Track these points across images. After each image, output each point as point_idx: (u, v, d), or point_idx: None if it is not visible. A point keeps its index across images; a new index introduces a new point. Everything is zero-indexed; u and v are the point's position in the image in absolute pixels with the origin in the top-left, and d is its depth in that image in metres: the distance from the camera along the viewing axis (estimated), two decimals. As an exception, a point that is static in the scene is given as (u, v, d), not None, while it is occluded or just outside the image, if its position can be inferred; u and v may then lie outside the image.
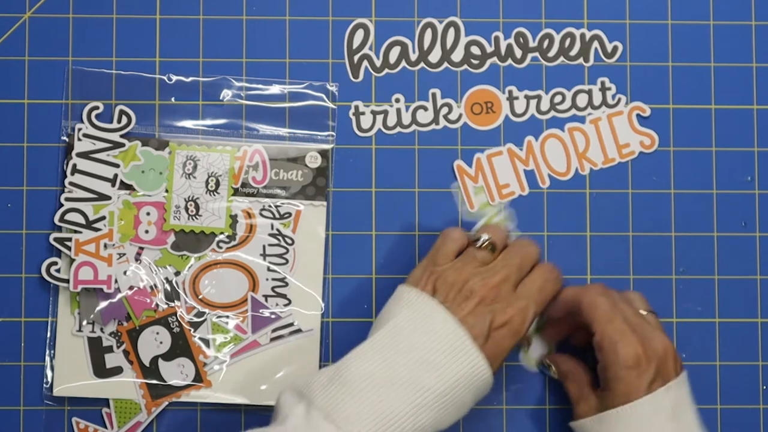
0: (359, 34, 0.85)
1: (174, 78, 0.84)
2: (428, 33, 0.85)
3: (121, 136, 0.83)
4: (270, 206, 0.83)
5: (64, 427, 0.82)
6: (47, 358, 0.82)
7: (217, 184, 0.83)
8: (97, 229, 0.82)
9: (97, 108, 0.83)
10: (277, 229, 0.83)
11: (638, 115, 0.85)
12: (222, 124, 0.84)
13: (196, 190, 0.83)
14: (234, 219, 0.83)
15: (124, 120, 0.83)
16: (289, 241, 0.83)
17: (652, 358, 0.73)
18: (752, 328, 0.84)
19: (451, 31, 0.85)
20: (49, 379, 0.82)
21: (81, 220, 0.82)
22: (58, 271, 0.82)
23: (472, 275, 0.74)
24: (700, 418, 0.75)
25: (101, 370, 0.82)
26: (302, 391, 0.70)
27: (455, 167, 0.84)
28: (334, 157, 0.84)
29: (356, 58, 0.85)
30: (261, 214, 0.83)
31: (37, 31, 0.84)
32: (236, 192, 0.83)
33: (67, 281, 0.81)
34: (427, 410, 0.69)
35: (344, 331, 0.83)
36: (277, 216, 0.83)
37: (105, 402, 0.82)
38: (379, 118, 0.85)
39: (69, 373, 0.82)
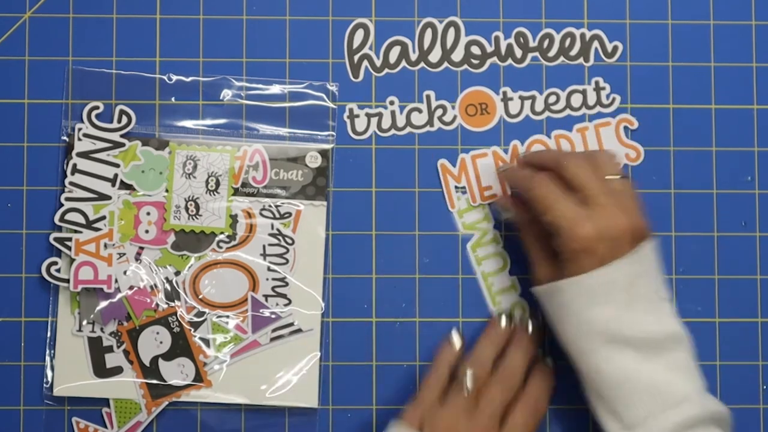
0: (359, 34, 0.85)
1: (174, 78, 0.84)
2: (428, 33, 0.85)
3: (121, 136, 0.83)
4: (270, 206, 0.83)
5: (64, 427, 0.82)
6: (47, 358, 0.82)
7: (217, 183, 0.83)
8: (97, 229, 0.82)
9: (97, 108, 0.83)
10: (277, 229, 0.83)
11: (626, 128, 0.85)
12: (222, 124, 0.84)
13: (196, 190, 0.83)
14: (234, 219, 0.83)
15: (124, 120, 0.83)
16: (289, 241, 0.83)
17: (603, 237, 0.72)
18: (752, 328, 0.84)
19: (451, 31, 0.85)
20: (49, 379, 0.82)
21: (81, 220, 0.82)
22: (58, 271, 0.82)
23: (459, 420, 0.75)
24: (662, 283, 0.74)
25: (101, 370, 0.82)
26: None
27: (438, 166, 0.84)
28: (334, 157, 0.84)
29: (356, 58, 0.85)
30: (261, 214, 0.83)
31: (37, 31, 0.84)
32: (236, 192, 0.83)
33: (67, 281, 0.82)
34: None
35: (344, 331, 0.83)
36: (277, 216, 0.83)
37: (105, 402, 0.82)
38: (374, 120, 0.85)
39: (69, 373, 0.82)
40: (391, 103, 0.85)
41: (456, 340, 0.81)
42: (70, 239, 0.81)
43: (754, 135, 0.85)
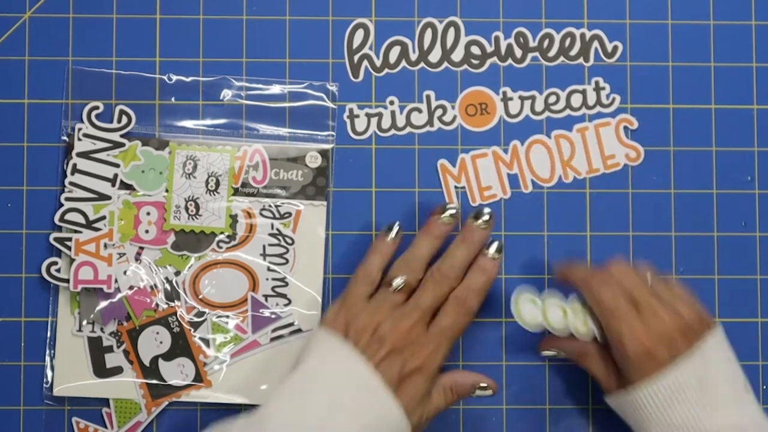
0: (359, 34, 0.85)
1: (174, 78, 0.84)
2: (428, 33, 0.85)
3: (121, 136, 0.83)
4: (270, 206, 0.83)
5: (64, 427, 0.82)
6: (47, 358, 0.82)
7: (217, 183, 0.83)
8: (97, 229, 0.82)
9: (97, 108, 0.83)
10: (277, 229, 0.83)
11: (626, 128, 0.85)
12: (222, 124, 0.84)
13: (196, 190, 0.83)
14: (234, 219, 0.83)
15: (124, 120, 0.83)
16: (289, 241, 0.83)
17: (660, 340, 0.73)
18: (752, 328, 0.84)
19: (451, 31, 0.85)
20: (49, 379, 0.82)
21: (81, 219, 0.82)
22: (58, 271, 0.82)
23: (385, 320, 0.74)
24: (737, 369, 0.74)
25: (101, 370, 0.82)
26: None
27: (438, 166, 0.84)
28: (334, 157, 0.84)
29: (356, 57, 0.85)
30: (261, 214, 0.83)
31: (37, 31, 0.84)
32: (236, 192, 0.83)
33: (67, 281, 0.81)
34: None
35: (344, 331, 0.83)
36: (277, 216, 0.83)
37: (105, 402, 0.82)
38: (374, 120, 0.85)
39: (69, 373, 0.82)
40: (391, 103, 0.85)
41: (395, 231, 0.80)
42: (70, 239, 0.81)
43: (754, 135, 0.85)
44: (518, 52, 0.85)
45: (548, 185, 0.84)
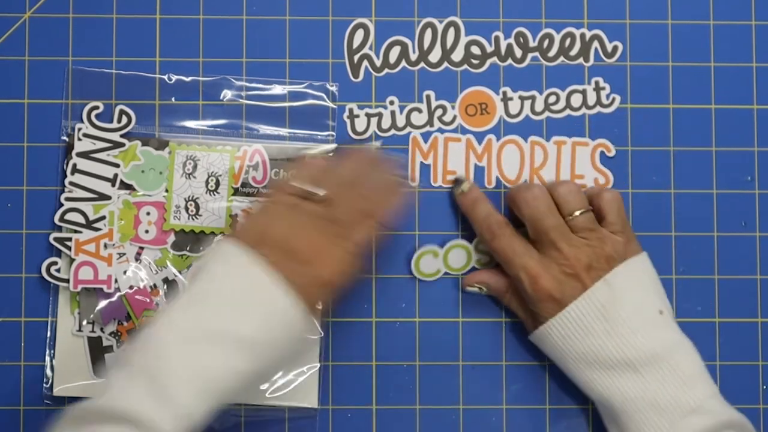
0: (359, 34, 0.85)
1: (174, 78, 0.84)
2: (428, 33, 0.85)
3: (121, 136, 0.83)
4: (270, 206, 0.83)
5: (64, 427, 0.82)
6: (47, 358, 0.82)
7: (217, 183, 0.83)
8: (97, 229, 0.82)
9: (97, 108, 0.83)
10: (277, 229, 0.83)
11: (602, 153, 0.85)
12: (222, 124, 0.84)
13: (196, 190, 0.83)
14: (234, 219, 0.83)
15: (124, 120, 0.83)
16: (289, 241, 0.83)
17: (560, 281, 0.76)
18: (752, 328, 0.84)
19: (451, 31, 0.85)
20: (49, 379, 0.82)
21: (81, 219, 0.82)
22: (58, 270, 0.82)
23: (298, 231, 0.72)
24: (649, 302, 0.76)
25: (101, 370, 0.82)
26: (120, 359, 0.70)
27: (410, 139, 0.84)
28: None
29: (356, 58, 0.85)
30: (261, 214, 0.83)
31: (37, 31, 0.84)
32: (236, 192, 0.83)
33: (67, 281, 0.81)
34: (241, 354, 0.68)
35: (344, 331, 0.83)
36: (277, 216, 0.83)
37: (105, 402, 0.82)
38: (374, 120, 0.85)
39: (69, 373, 0.82)
40: (391, 103, 0.85)
41: (316, 153, 0.80)
42: (70, 239, 0.81)
43: (754, 135, 0.85)
44: (518, 52, 0.85)
45: (512, 186, 0.84)
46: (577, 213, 0.77)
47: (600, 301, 0.75)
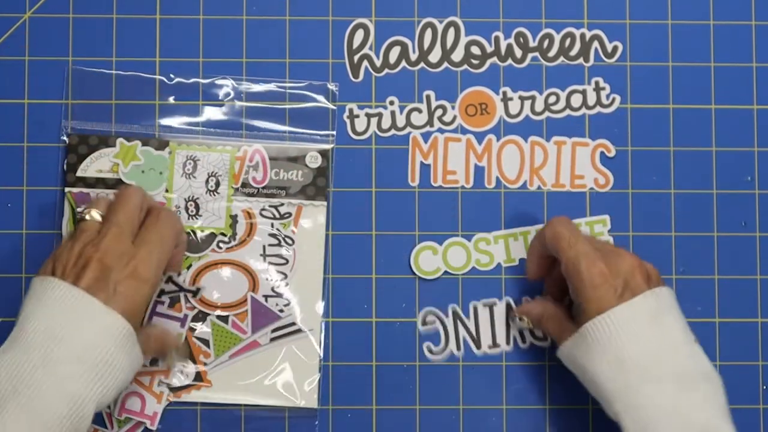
0: (359, 34, 0.85)
1: (174, 78, 0.84)
2: (428, 33, 0.85)
3: (121, 136, 0.83)
4: (270, 206, 0.83)
5: (64, 427, 0.82)
6: (47, 358, 0.82)
7: (217, 184, 0.83)
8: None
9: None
10: (277, 229, 0.83)
11: (602, 153, 0.85)
12: (222, 124, 0.84)
13: (196, 190, 0.83)
14: (234, 219, 0.83)
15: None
16: (289, 241, 0.83)
17: (618, 274, 0.73)
18: (752, 328, 0.84)
19: (451, 31, 0.85)
20: (49, 379, 0.82)
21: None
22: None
23: (83, 245, 0.72)
24: (687, 325, 0.74)
25: (101, 370, 0.82)
26: None
27: (410, 139, 0.84)
28: (335, 157, 0.84)
29: (356, 58, 0.85)
30: (261, 214, 0.83)
31: (37, 31, 0.84)
32: (236, 192, 0.83)
33: (67, 281, 0.81)
34: (77, 383, 0.68)
35: (344, 331, 0.83)
36: (277, 216, 0.83)
37: (105, 402, 0.82)
38: (374, 120, 0.85)
39: (69, 373, 0.82)
40: (391, 103, 0.85)
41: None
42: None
43: (754, 135, 0.85)
44: (518, 52, 0.85)
45: (512, 186, 0.84)
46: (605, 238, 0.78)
47: (650, 307, 0.73)
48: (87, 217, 0.75)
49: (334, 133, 0.84)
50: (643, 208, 0.85)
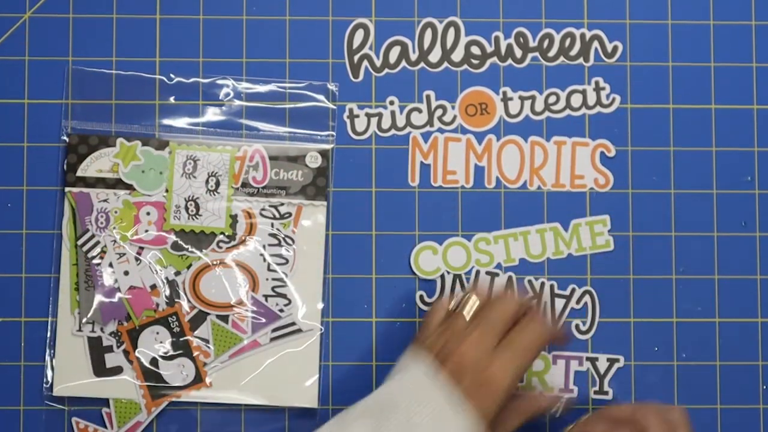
0: (359, 34, 0.85)
1: (174, 78, 0.84)
2: (428, 33, 0.85)
3: (121, 136, 0.83)
4: (270, 206, 0.83)
5: (64, 427, 0.82)
6: (47, 358, 0.82)
7: (217, 183, 0.83)
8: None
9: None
10: (277, 229, 0.83)
11: (602, 153, 0.85)
12: (222, 124, 0.84)
13: (196, 190, 0.83)
14: (234, 219, 0.83)
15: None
16: (289, 241, 0.83)
17: None
18: (752, 328, 0.84)
19: (451, 31, 0.85)
20: (49, 379, 0.82)
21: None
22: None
23: (452, 337, 0.73)
24: None
25: (101, 370, 0.82)
26: None
27: (410, 139, 0.84)
28: (335, 157, 0.84)
29: (356, 58, 0.85)
30: (261, 214, 0.83)
31: (37, 31, 0.84)
32: (236, 192, 0.83)
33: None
34: None
35: (344, 331, 0.83)
36: (277, 216, 0.83)
37: (105, 402, 0.82)
38: (374, 120, 0.85)
39: (69, 373, 0.82)
40: (391, 103, 0.85)
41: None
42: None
43: (754, 135, 0.85)
44: (518, 52, 0.85)
45: (512, 186, 0.84)
46: None
47: None
48: (467, 304, 0.75)
49: (334, 133, 0.84)
50: (643, 208, 0.85)
